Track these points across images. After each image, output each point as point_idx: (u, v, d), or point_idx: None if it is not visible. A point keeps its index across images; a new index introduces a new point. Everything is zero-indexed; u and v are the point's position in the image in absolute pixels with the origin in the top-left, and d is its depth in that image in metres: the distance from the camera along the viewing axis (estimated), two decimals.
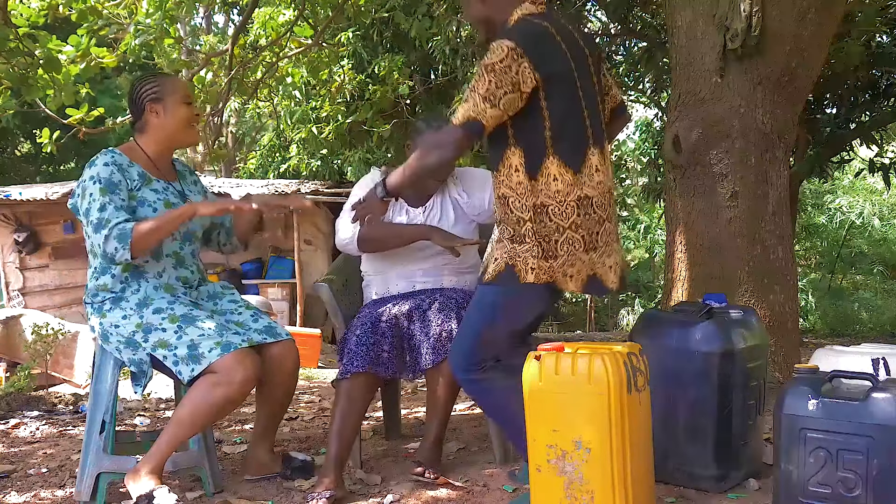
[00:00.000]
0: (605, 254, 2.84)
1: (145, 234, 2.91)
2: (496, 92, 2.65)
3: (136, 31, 7.33)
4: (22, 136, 18.01)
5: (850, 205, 17.07)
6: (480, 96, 2.66)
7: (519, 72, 2.65)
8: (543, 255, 2.75)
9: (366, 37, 11.31)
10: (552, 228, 2.75)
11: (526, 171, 2.75)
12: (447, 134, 2.73)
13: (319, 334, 9.27)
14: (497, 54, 2.65)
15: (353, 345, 3.31)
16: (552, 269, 2.76)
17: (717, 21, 4.60)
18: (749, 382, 3.07)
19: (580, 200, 2.76)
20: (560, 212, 2.75)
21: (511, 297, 2.82)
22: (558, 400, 2.46)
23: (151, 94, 3.12)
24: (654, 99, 12.72)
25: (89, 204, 2.93)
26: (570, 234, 2.76)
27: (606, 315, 20.34)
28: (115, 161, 3.02)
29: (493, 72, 2.65)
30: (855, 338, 12.11)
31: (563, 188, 2.74)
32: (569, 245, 2.76)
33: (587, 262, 2.80)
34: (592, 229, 2.79)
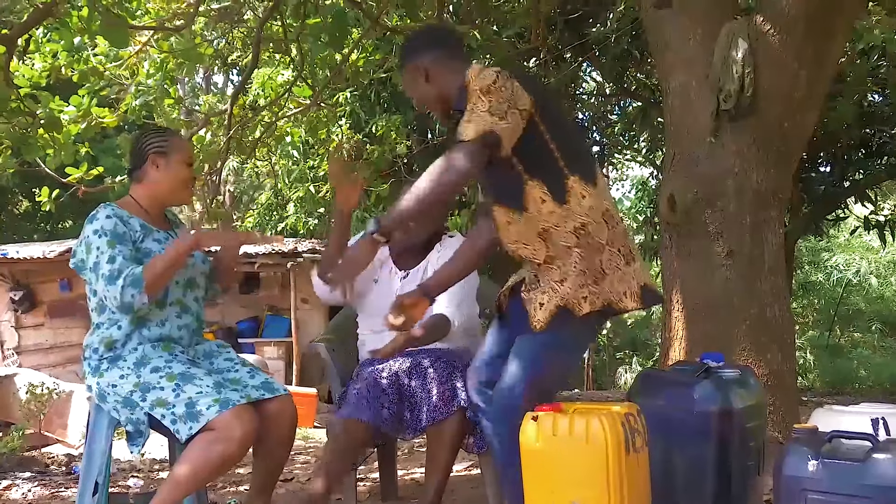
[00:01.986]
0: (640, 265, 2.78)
1: (156, 272, 2.91)
2: (499, 107, 2.55)
3: (136, 91, 7.41)
4: (21, 194, 18.07)
5: (846, 262, 17.11)
6: (486, 112, 2.54)
7: (513, 91, 2.58)
8: (594, 280, 2.65)
9: (364, 97, 11.44)
10: (594, 248, 2.66)
11: (554, 198, 2.67)
12: (459, 150, 2.55)
13: (315, 394, 9.22)
14: (488, 78, 2.58)
15: (354, 397, 3.28)
16: (603, 291, 2.66)
17: (710, 82, 4.66)
18: (748, 442, 3.05)
19: (606, 215, 2.71)
20: (598, 229, 2.68)
21: (567, 340, 2.72)
22: (556, 461, 2.44)
23: (157, 146, 3.15)
24: (649, 158, 12.84)
25: (97, 257, 2.93)
26: (609, 249, 2.68)
27: (604, 374, 20.25)
28: (116, 213, 3.03)
29: (489, 92, 2.56)
30: (854, 396, 12.06)
31: (593, 203, 2.69)
32: (611, 261, 2.68)
33: (633, 274, 2.72)
34: (625, 241, 2.74)
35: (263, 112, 8.71)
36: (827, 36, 4.65)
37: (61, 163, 6.54)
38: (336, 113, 10.69)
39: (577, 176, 2.68)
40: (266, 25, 7.28)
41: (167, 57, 7.29)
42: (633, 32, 8.98)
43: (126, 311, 2.95)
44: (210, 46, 8.69)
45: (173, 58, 7.30)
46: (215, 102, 11.99)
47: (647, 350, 19.52)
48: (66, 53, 6.64)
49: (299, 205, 12.57)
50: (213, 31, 8.64)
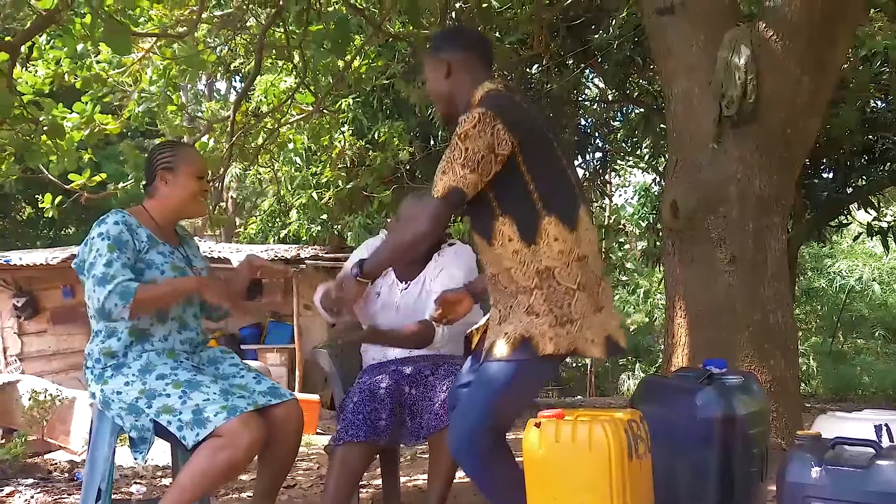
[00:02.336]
0: (609, 313, 2.76)
1: (147, 297, 2.92)
2: (473, 157, 2.60)
3: (139, 98, 7.43)
4: (24, 201, 18.09)
5: (849, 269, 17.10)
6: (459, 164, 2.61)
7: (493, 134, 2.60)
8: (559, 322, 2.63)
9: (366, 103, 11.44)
10: (562, 292, 2.64)
11: (521, 238, 2.67)
12: (424, 208, 2.69)
13: (318, 400, 9.21)
14: (469, 122, 2.62)
15: (350, 413, 3.28)
16: (571, 335, 2.64)
17: (712, 89, 4.66)
18: (751, 449, 3.04)
19: (580, 259, 2.68)
20: (567, 273, 2.65)
21: (526, 372, 2.67)
22: (559, 468, 2.43)
23: (165, 162, 3.16)
24: (651, 164, 12.83)
25: (95, 259, 2.94)
26: (580, 295, 2.65)
27: (607, 380, 20.22)
28: (124, 221, 3.04)
29: (467, 138, 2.61)
30: (857, 402, 12.03)
31: (566, 247, 2.66)
32: (581, 307, 2.65)
33: (599, 324, 2.70)
34: (594, 289, 2.70)
35: (266, 119, 8.72)
36: (829, 42, 4.65)
37: (64, 169, 6.55)
38: (339, 119, 10.70)
39: (555, 216, 2.67)
40: (269, 32, 7.29)
41: (170, 64, 7.30)
42: (636, 39, 8.99)
43: (103, 316, 2.95)
44: (213, 53, 8.71)
45: (176, 64, 7.31)
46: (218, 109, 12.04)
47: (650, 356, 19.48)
48: (70, 60, 6.66)
49: (302, 211, 12.57)
50: (215, 37, 8.65)
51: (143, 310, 2.95)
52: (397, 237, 2.77)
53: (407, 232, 2.73)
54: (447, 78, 2.90)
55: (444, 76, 2.90)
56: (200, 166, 3.22)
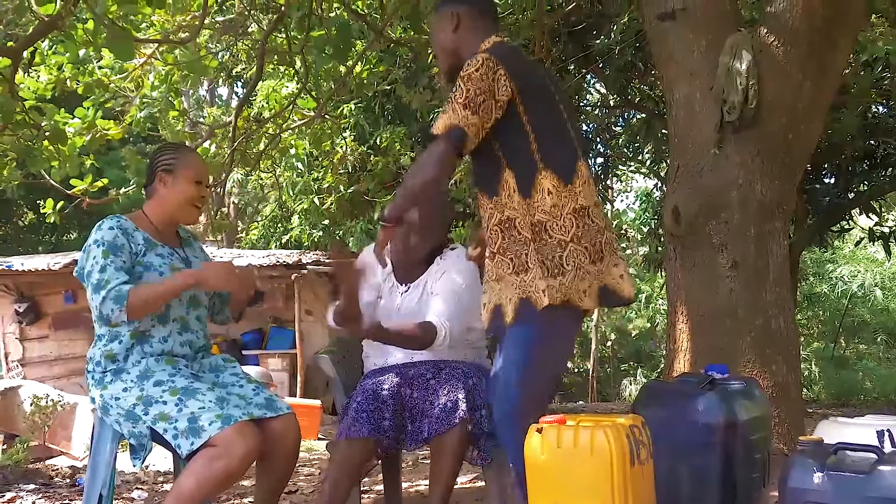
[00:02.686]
0: (612, 263, 2.78)
1: (143, 296, 2.91)
2: (475, 98, 2.62)
3: (141, 103, 7.43)
4: (26, 206, 18.11)
5: (851, 274, 17.09)
6: (459, 104, 2.62)
7: (495, 79, 2.64)
8: (549, 273, 2.67)
9: (368, 109, 11.45)
10: (553, 245, 2.68)
11: (519, 191, 2.71)
12: (429, 151, 2.68)
13: (320, 406, 9.20)
14: (473, 65, 2.64)
15: (353, 411, 3.28)
16: (563, 286, 2.67)
17: (714, 94, 4.67)
18: (753, 454, 3.04)
19: (577, 212, 2.71)
20: (559, 226, 2.69)
21: (537, 330, 2.71)
22: (560, 473, 2.43)
23: (165, 164, 3.16)
24: (653, 169, 12.84)
25: (91, 266, 2.95)
26: (573, 247, 2.69)
27: (608, 385, 20.22)
28: (120, 226, 3.05)
29: (469, 80, 2.63)
30: (859, 407, 12.02)
31: (559, 201, 2.69)
32: (574, 258, 2.69)
33: (595, 274, 2.73)
34: (594, 239, 2.73)
35: (268, 124, 8.72)
36: (831, 47, 4.65)
37: (66, 175, 6.56)
38: (340, 125, 10.71)
39: (550, 171, 2.70)
40: (270, 38, 7.30)
41: (172, 69, 7.31)
42: (637, 44, 8.99)
43: (103, 322, 2.96)
44: (215, 59, 8.71)
45: (178, 70, 7.33)
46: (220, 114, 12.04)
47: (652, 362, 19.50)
48: (72, 66, 6.67)
49: (303, 217, 12.58)
50: (217, 43, 8.67)
51: (142, 309, 2.93)
52: (408, 183, 2.71)
53: (416, 177, 2.69)
54: (455, 31, 2.91)
55: (451, 29, 2.92)
56: (200, 171, 3.21)
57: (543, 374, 2.77)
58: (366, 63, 8.92)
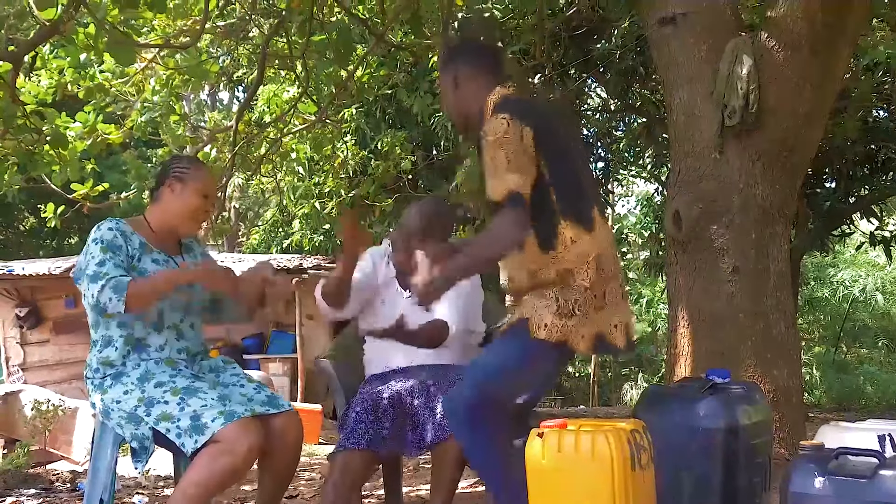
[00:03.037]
0: (612, 312, 2.81)
1: (142, 288, 2.91)
2: (516, 161, 2.66)
3: (142, 107, 7.44)
4: (27, 210, 18.11)
5: (852, 278, 17.07)
6: (506, 170, 2.66)
7: (522, 136, 2.68)
8: (559, 312, 2.72)
9: (369, 113, 11.47)
10: (577, 290, 2.74)
11: (540, 245, 2.76)
12: (502, 218, 2.68)
13: (320, 410, 9.20)
14: (499, 127, 2.68)
15: (353, 422, 3.28)
16: (566, 328, 2.73)
17: (714, 98, 4.67)
18: (754, 459, 3.04)
19: (593, 260, 2.76)
20: (585, 274, 2.74)
21: (520, 352, 2.78)
22: (561, 478, 2.43)
23: (178, 171, 3.18)
24: (654, 174, 12.83)
25: (88, 261, 2.96)
26: (588, 293, 2.75)
27: (609, 390, 20.19)
28: (118, 227, 3.07)
29: (502, 145, 2.66)
30: (860, 412, 12.01)
31: (583, 249, 2.75)
32: (584, 305, 2.74)
33: (596, 321, 2.77)
34: (602, 287, 2.78)
35: (269, 128, 8.72)
36: (831, 52, 4.66)
37: (67, 179, 6.56)
38: (341, 129, 10.72)
39: (571, 220, 2.75)
40: (271, 42, 7.30)
41: (173, 74, 7.31)
42: (638, 49, 9.00)
43: (98, 312, 2.97)
44: (216, 63, 8.73)
45: (179, 74, 7.32)
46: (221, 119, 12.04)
47: (653, 366, 19.46)
48: (73, 70, 6.67)
49: (304, 221, 12.59)
50: (218, 48, 8.68)
51: (140, 302, 2.93)
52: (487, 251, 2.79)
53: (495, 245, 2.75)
54: (456, 90, 2.97)
55: (452, 89, 2.98)
56: (209, 187, 3.23)
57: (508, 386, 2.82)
58: (367, 67, 8.92)
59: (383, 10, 6.93)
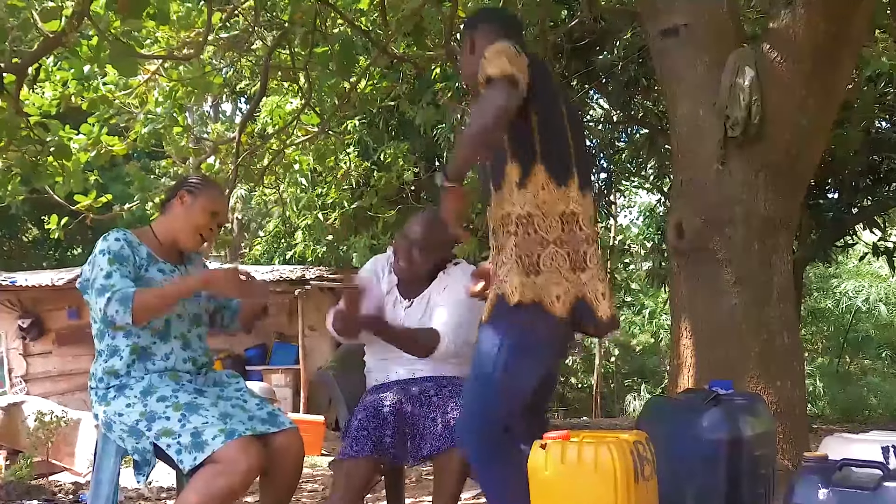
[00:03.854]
0: (598, 278, 2.69)
1: (148, 299, 2.92)
2: (515, 60, 2.51)
3: (145, 119, 7.46)
4: (30, 222, 18.14)
5: (855, 289, 17.04)
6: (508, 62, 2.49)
7: (521, 58, 2.55)
8: (524, 270, 2.60)
9: (371, 125, 11.49)
10: (535, 241, 2.62)
11: (518, 182, 2.65)
12: (487, 93, 2.51)
13: (323, 421, 9.19)
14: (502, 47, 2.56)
15: (355, 429, 3.28)
16: (536, 285, 2.60)
17: (717, 110, 4.67)
18: (757, 470, 3.03)
19: (565, 215, 2.65)
20: (545, 224, 2.63)
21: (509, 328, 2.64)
22: (564, 489, 2.42)
23: (192, 186, 3.20)
24: (656, 185, 12.84)
25: (96, 273, 2.97)
26: (553, 248, 2.63)
27: (613, 401, 20.16)
28: (125, 238, 3.07)
29: (504, 52, 2.53)
30: (864, 423, 11.98)
31: (550, 199, 2.64)
32: (552, 260, 2.62)
33: (574, 283, 2.65)
34: (579, 247, 2.67)
35: (272, 140, 8.75)
36: (834, 63, 4.66)
37: (70, 190, 6.58)
38: (344, 140, 10.75)
39: (545, 167, 2.65)
40: (274, 54, 7.33)
41: (176, 85, 7.34)
42: (640, 60, 9.02)
43: (107, 324, 2.98)
44: (219, 75, 8.75)
45: (182, 86, 7.35)
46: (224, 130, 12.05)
47: (656, 377, 19.42)
48: (76, 82, 6.70)
49: (307, 232, 12.60)
50: (221, 59, 8.70)
51: (147, 313, 2.94)
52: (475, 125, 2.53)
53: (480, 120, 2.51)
54: (472, 54, 2.89)
55: (469, 52, 2.92)
56: (220, 206, 3.24)
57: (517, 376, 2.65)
58: (369, 79, 8.95)
59: (386, 21, 6.95)
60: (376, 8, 7.26)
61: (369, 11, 7.84)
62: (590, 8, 7.87)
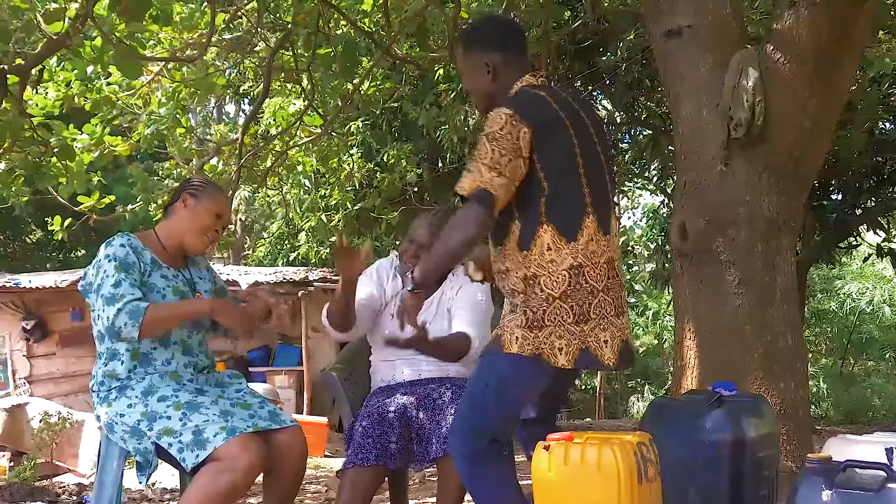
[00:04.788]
0: (600, 327, 2.68)
1: (158, 317, 2.92)
2: (500, 160, 2.59)
3: (148, 120, 7.46)
4: (33, 223, 18.16)
5: (859, 291, 17.04)
6: (485, 166, 2.60)
7: (519, 137, 2.61)
8: (528, 324, 2.65)
9: (375, 126, 11.49)
10: (542, 299, 2.66)
11: (519, 243, 2.70)
12: (463, 212, 2.65)
13: (326, 423, 9.19)
14: (497, 122, 2.63)
15: (360, 436, 3.27)
16: (538, 340, 2.64)
17: (720, 111, 4.66)
18: (761, 472, 3.03)
19: (571, 269, 2.66)
20: (551, 282, 2.66)
21: (497, 368, 2.71)
22: (568, 490, 2.42)
23: (194, 188, 3.19)
24: (659, 186, 12.84)
25: (102, 280, 2.95)
26: (558, 304, 2.64)
27: (616, 403, 20.15)
28: (130, 243, 3.06)
29: (494, 140, 2.61)
30: (868, 425, 11.97)
31: (557, 258, 2.66)
32: (556, 315, 2.64)
33: (577, 335, 2.65)
34: (584, 300, 2.66)
35: (275, 141, 8.75)
36: (837, 64, 4.65)
37: (73, 192, 6.58)
38: (347, 142, 10.75)
39: (552, 226, 2.67)
40: (277, 55, 7.33)
41: (179, 86, 7.34)
42: (643, 61, 9.02)
43: (112, 335, 2.95)
44: (222, 76, 8.76)
45: (185, 87, 7.35)
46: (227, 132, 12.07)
47: (660, 379, 19.43)
48: (79, 82, 6.70)
49: (311, 234, 12.61)
50: (224, 61, 8.71)
51: (155, 329, 2.94)
52: (445, 244, 2.70)
53: (448, 240, 2.68)
54: (493, 81, 2.87)
55: (486, 75, 2.88)
56: (223, 208, 3.23)
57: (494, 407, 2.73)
58: (372, 80, 8.94)
59: (389, 23, 6.96)
60: (379, 9, 7.26)
61: (372, 13, 7.84)
62: (593, 9, 7.87)
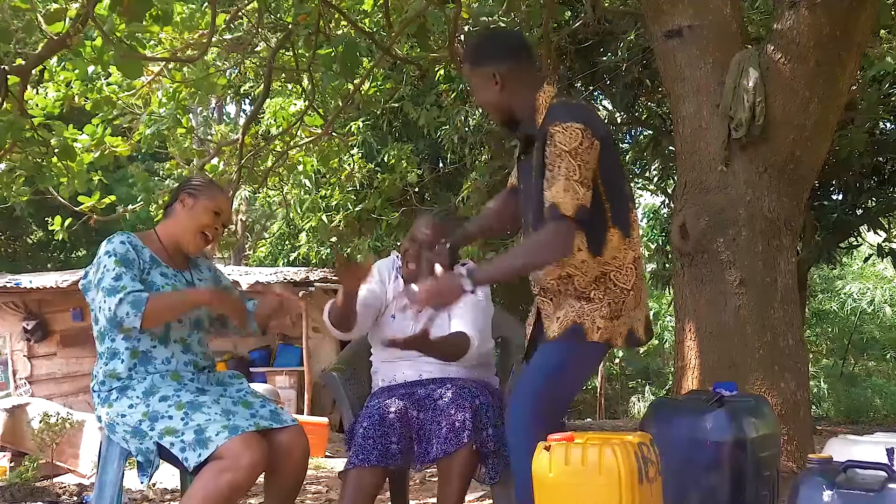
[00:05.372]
0: (642, 309, 2.91)
1: (160, 307, 2.93)
2: (587, 174, 2.68)
3: (149, 120, 7.46)
4: (34, 223, 18.16)
5: (860, 291, 17.02)
6: (578, 183, 2.66)
7: (591, 151, 2.69)
8: (611, 314, 2.80)
9: (375, 126, 11.49)
10: (617, 291, 2.81)
11: (590, 249, 2.78)
12: (558, 228, 2.69)
13: (327, 423, 9.18)
14: (574, 137, 2.66)
15: (361, 437, 3.27)
16: (613, 328, 2.81)
17: (721, 111, 4.66)
18: (761, 472, 3.02)
19: (635, 262, 2.85)
20: (623, 276, 2.81)
21: (577, 356, 2.83)
22: (568, 491, 2.42)
23: (192, 188, 3.21)
24: (660, 186, 12.82)
25: (103, 274, 2.96)
26: (632, 294, 2.83)
27: (617, 403, 20.14)
28: (130, 241, 3.08)
29: (577, 155, 2.66)
30: (869, 425, 11.96)
31: (622, 255, 2.81)
32: (626, 304, 2.82)
33: (633, 318, 2.86)
34: (640, 287, 2.87)
35: (275, 141, 8.74)
36: (838, 64, 4.65)
37: (74, 192, 6.58)
38: (348, 142, 10.75)
39: (617, 228, 2.80)
40: (278, 55, 7.33)
41: (180, 87, 7.34)
42: (644, 61, 9.01)
43: (114, 325, 2.96)
44: (222, 76, 8.75)
45: (186, 87, 7.36)
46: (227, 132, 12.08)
47: (660, 379, 19.42)
48: (80, 83, 6.70)
49: (311, 234, 12.61)
50: (225, 61, 8.71)
51: (157, 319, 2.95)
52: (532, 259, 2.81)
53: (543, 252, 2.76)
54: (502, 91, 2.89)
55: (495, 88, 2.89)
56: (222, 206, 3.24)
57: (564, 395, 2.89)
58: (373, 80, 8.95)
59: (389, 23, 6.95)
60: (380, 9, 7.26)
61: (373, 13, 7.85)
62: (594, 9, 7.86)
